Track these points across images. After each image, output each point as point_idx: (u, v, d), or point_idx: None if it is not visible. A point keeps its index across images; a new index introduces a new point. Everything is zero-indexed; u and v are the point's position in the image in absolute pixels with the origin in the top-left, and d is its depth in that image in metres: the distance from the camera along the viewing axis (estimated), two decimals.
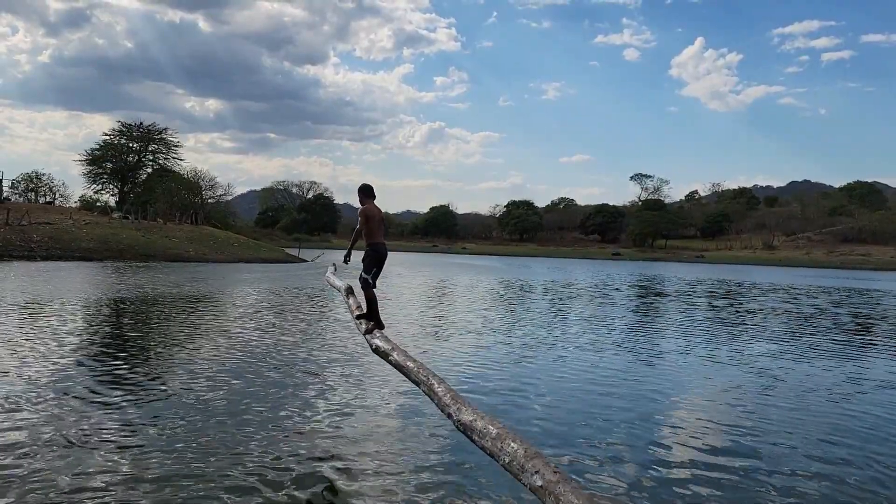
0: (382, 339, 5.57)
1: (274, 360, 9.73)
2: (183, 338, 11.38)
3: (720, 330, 15.93)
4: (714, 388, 9.17)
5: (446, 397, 3.96)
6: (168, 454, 5.43)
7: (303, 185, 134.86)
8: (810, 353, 12.42)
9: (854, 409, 8.10)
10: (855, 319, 19.78)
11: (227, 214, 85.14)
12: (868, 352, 13.35)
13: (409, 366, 4.73)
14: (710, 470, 5.69)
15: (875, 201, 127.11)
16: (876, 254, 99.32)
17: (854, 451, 6.34)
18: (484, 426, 3.43)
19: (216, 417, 6.55)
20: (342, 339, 11.77)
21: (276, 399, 7.41)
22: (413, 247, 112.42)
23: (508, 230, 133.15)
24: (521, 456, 3.05)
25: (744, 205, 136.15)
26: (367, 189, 6.08)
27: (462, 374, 9.12)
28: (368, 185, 6.08)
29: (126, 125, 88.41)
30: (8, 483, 4.70)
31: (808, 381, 9.70)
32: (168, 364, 9.25)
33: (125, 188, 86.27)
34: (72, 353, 9.56)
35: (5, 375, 7.88)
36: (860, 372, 10.70)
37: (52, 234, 38.41)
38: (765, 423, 7.28)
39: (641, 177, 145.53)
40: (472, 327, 14.37)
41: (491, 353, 11.00)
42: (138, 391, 7.50)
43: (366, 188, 6.09)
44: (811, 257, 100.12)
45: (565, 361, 10.53)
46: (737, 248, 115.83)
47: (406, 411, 7.11)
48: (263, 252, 49.53)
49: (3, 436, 5.71)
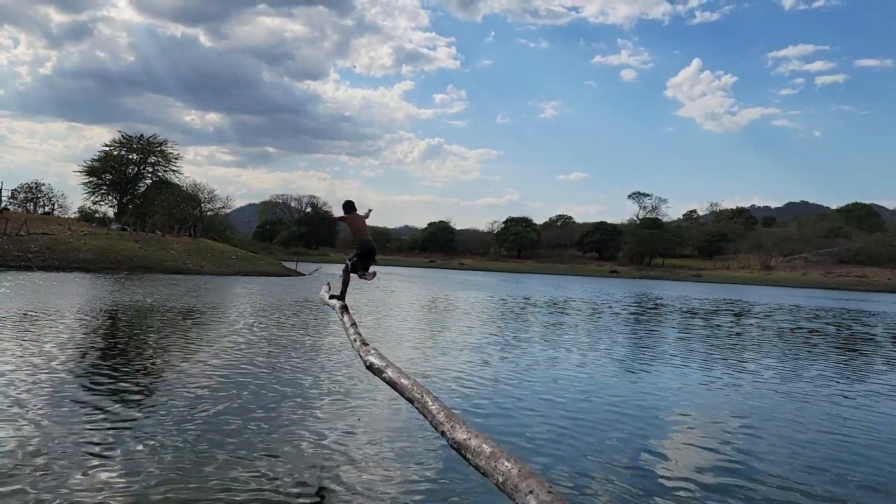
0: (377, 356, 5.57)
1: (267, 375, 9.69)
2: (177, 351, 11.33)
3: (719, 350, 15.90)
4: (713, 408, 9.15)
5: (440, 415, 3.94)
6: (157, 468, 5.39)
7: (301, 199, 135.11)
8: (817, 373, 12.40)
9: (857, 432, 8.08)
10: (862, 339, 19.78)
11: (225, 227, 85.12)
12: (872, 372, 13.33)
13: (403, 383, 4.71)
14: (708, 491, 5.66)
15: (872, 223, 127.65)
16: (872, 276, 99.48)
17: (855, 473, 6.32)
18: (478, 445, 3.42)
19: (207, 434, 6.50)
20: (336, 355, 11.73)
21: (268, 414, 7.36)
22: (411, 262, 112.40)
23: (506, 246, 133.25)
24: (514, 475, 3.03)
25: (741, 225, 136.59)
26: (347, 204, 7.57)
27: (456, 393, 9.09)
28: (349, 201, 7.57)
29: (126, 137, 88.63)
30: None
31: (824, 400, 9.69)
32: (161, 377, 9.20)
33: (124, 200, 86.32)
34: (64, 364, 9.51)
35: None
36: (866, 393, 10.69)
37: (49, 244, 38.33)
38: (767, 444, 7.25)
39: (639, 195, 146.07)
40: (466, 345, 14.34)
41: (486, 372, 10.97)
42: (131, 405, 7.45)
43: (346, 204, 7.57)
44: (808, 278, 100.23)
45: (561, 381, 10.51)
46: (734, 267, 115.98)
47: (398, 429, 7.07)
48: (261, 265, 49.44)
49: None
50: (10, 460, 5.39)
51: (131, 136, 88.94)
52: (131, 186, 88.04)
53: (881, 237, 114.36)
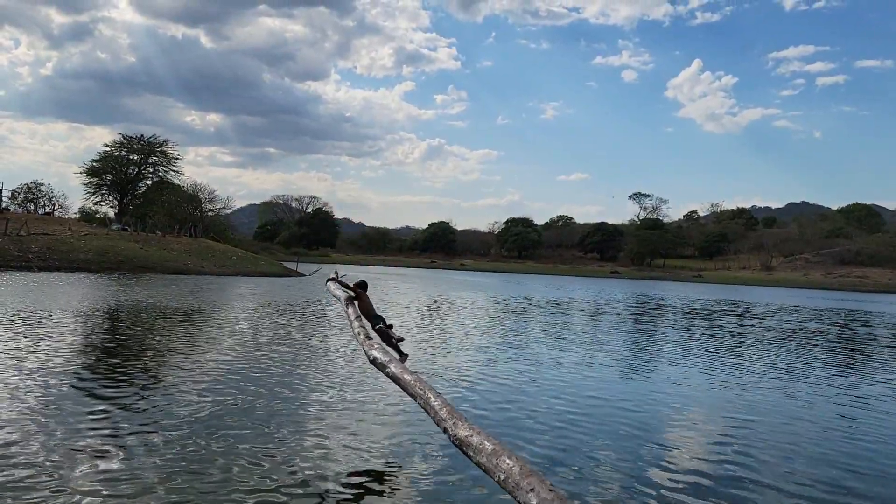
0: (380, 351, 5.55)
1: (267, 374, 9.66)
2: (178, 350, 11.30)
3: (722, 350, 15.86)
4: (716, 408, 9.12)
5: (442, 411, 3.92)
6: (158, 467, 5.36)
7: (302, 200, 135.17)
8: (820, 374, 12.37)
9: (861, 432, 8.05)
10: (864, 340, 19.74)
11: (225, 228, 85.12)
12: (875, 373, 13.29)
13: (405, 378, 4.69)
14: (711, 491, 5.62)
15: (873, 224, 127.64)
16: (873, 276, 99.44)
17: (859, 472, 6.29)
18: (480, 442, 3.40)
19: (208, 433, 6.47)
20: (337, 353, 11.70)
21: (269, 413, 7.33)
22: (411, 263, 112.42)
23: (507, 247, 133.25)
24: (516, 473, 3.01)
25: (742, 225, 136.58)
26: (362, 284, 7.45)
27: (458, 389, 9.05)
28: (363, 281, 7.46)
29: (127, 137, 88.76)
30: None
31: (826, 400, 9.66)
32: (162, 377, 9.17)
33: (125, 200, 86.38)
34: (64, 364, 9.48)
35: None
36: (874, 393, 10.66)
37: (50, 244, 38.32)
38: (771, 444, 7.22)
39: (640, 196, 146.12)
40: (469, 343, 14.31)
41: (488, 370, 10.93)
42: (131, 404, 7.42)
43: (360, 283, 7.41)
44: (809, 279, 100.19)
45: (565, 379, 10.47)
46: (735, 268, 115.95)
47: (400, 425, 7.04)
48: (262, 266, 49.43)
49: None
50: (11, 459, 5.36)
51: (132, 136, 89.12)
52: (132, 187, 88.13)
53: (882, 238, 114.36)
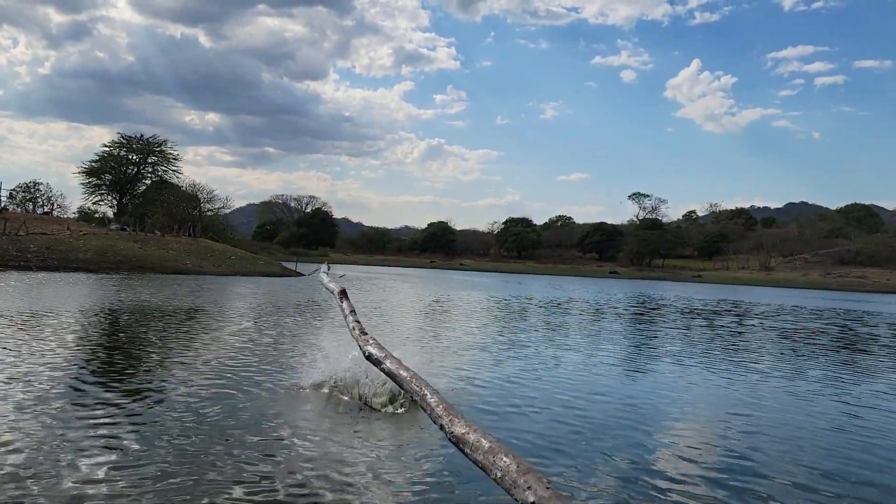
0: (376, 346, 5.50)
1: (267, 373, 9.62)
2: (178, 350, 11.26)
3: (723, 350, 15.83)
4: (717, 407, 9.07)
5: (439, 408, 3.87)
6: (158, 467, 5.32)
7: (301, 200, 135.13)
8: (821, 373, 12.34)
9: (863, 431, 8.01)
10: (864, 340, 19.71)
11: (224, 227, 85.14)
12: (876, 372, 13.26)
13: (401, 374, 4.64)
14: (712, 491, 5.58)
15: (872, 224, 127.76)
16: (872, 276, 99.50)
17: (861, 472, 6.25)
18: (476, 439, 3.35)
19: (207, 433, 6.44)
20: (338, 352, 11.64)
21: (269, 413, 7.29)
22: (411, 262, 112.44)
23: (506, 247, 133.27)
24: (513, 471, 2.97)
25: (741, 225, 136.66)
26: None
27: (457, 387, 9.01)
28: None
29: (126, 137, 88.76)
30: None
31: (830, 401, 9.63)
32: (162, 377, 9.12)
33: (124, 200, 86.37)
34: (64, 363, 9.44)
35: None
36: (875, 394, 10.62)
37: (48, 244, 38.28)
38: (772, 443, 7.18)
39: (639, 196, 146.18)
40: (469, 342, 14.27)
41: (492, 370, 10.89)
42: (131, 403, 7.38)
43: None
44: (808, 279, 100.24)
45: (566, 379, 10.43)
46: (734, 268, 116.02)
47: (398, 422, 7.00)
48: (261, 265, 49.39)
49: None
50: (11, 458, 5.32)
51: (131, 136, 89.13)
52: (131, 186, 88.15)
53: (881, 238, 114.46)
